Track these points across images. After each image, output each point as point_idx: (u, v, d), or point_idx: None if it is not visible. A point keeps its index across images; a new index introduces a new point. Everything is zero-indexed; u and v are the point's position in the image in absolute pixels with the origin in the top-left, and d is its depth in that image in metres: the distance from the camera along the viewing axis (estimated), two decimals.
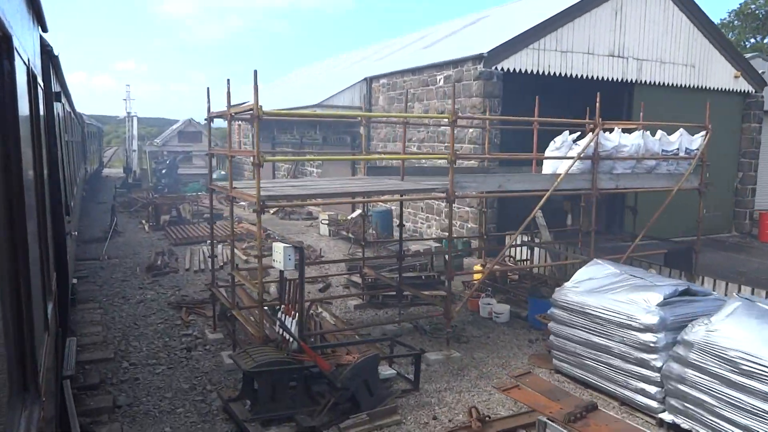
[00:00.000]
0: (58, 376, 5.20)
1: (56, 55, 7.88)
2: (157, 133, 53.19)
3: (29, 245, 2.82)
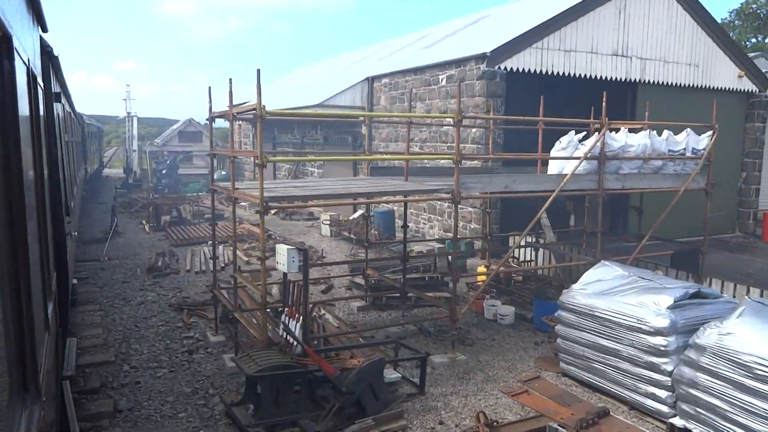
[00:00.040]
0: (58, 376, 5.15)
1: (56, 55, 7.88)
2: (157, 133, 53.10)
3: (29, 245, 2.83)
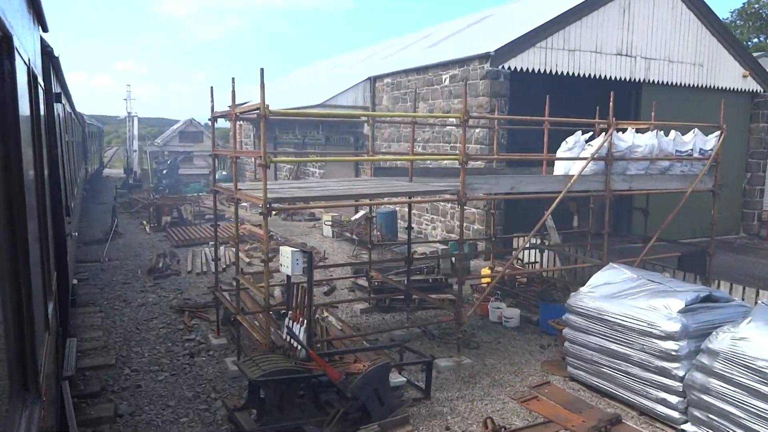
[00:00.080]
0: (58, 376, 5.11)
1: (56, 56, 7.87)
2: (157, 133, 53.05)
3: (30, 245, 2.84)
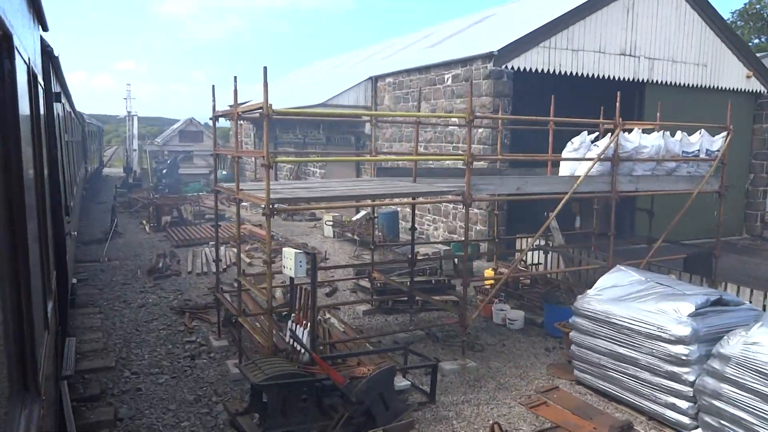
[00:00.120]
0: (57, 376, 5.06)
1: (56, 55, 7.83)
2: (157, 133, 52.94)
3: (29, 244, 2.84)
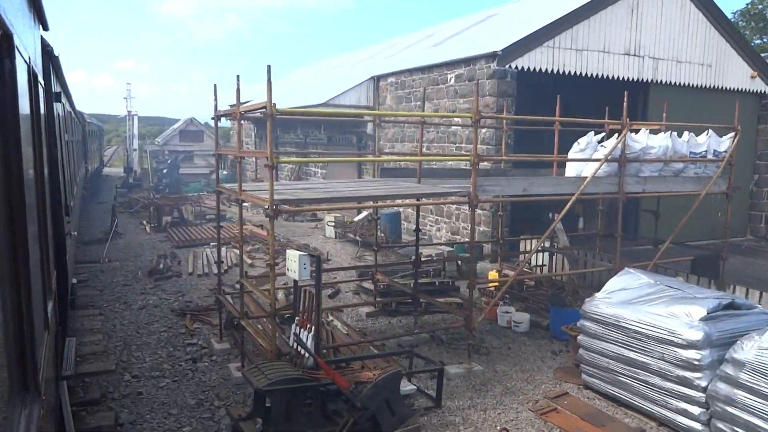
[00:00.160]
0: (57, 376, 5.00)
1: (56, 55, 7.78)
2: (157, 133, 52.87)
3: (29, 244, 2.84)
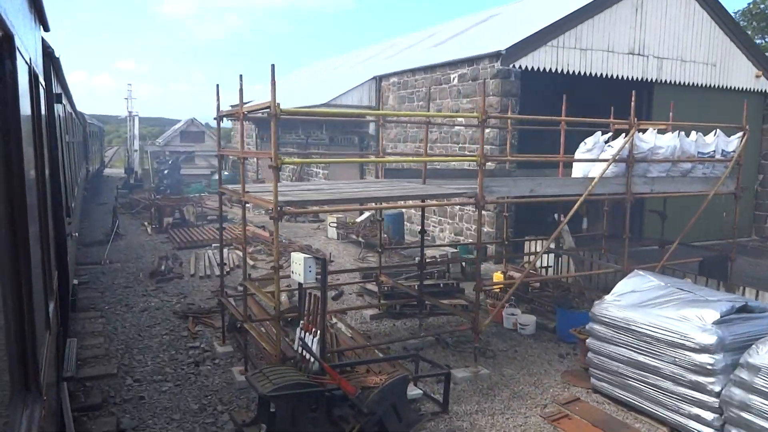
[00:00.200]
0: (58, 377, 4.97)
1: (57, 57, 7.72)
2: (158, 133, 52.76)
3: (31, 245, 2.84)
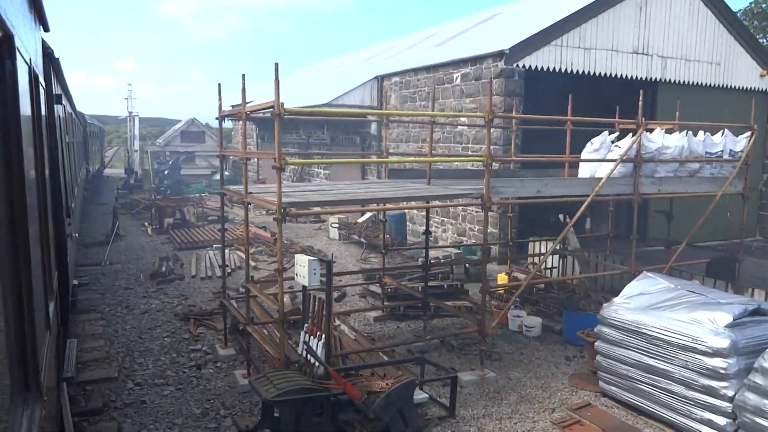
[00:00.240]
0: (59, 377, 4.93)
1: (57, 57, 7.66)
2: (158, 133, 52.65)
3: (31, 245, 2.83)
